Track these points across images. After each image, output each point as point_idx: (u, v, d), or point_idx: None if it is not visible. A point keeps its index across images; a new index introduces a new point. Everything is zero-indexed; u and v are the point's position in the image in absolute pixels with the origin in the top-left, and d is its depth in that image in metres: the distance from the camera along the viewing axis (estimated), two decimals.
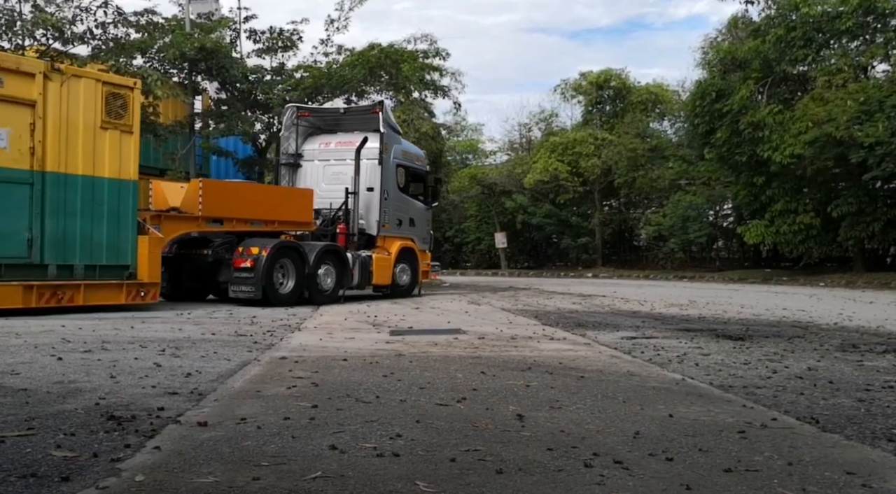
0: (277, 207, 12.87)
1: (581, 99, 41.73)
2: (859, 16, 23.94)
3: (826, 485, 2.74)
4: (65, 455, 2.93)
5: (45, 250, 9.42)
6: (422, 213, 16.45)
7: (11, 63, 9.32)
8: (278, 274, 12.01)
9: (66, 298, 9.59)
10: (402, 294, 15.42)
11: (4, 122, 9.04)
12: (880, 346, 7.17)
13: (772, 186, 26.46)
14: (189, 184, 12.14)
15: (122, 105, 10.14)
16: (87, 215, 9.81)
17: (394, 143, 15.31)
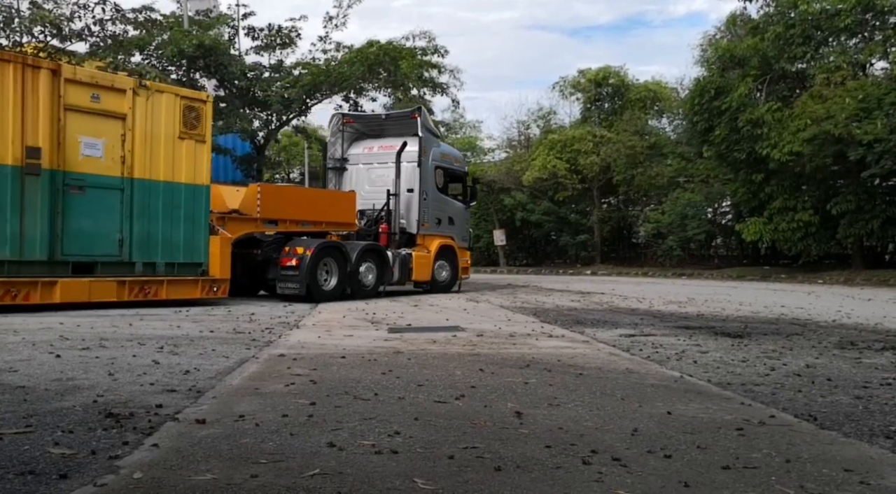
0: (324, 209, 13.79)
1: (580, 96, 41.70)
2: (858, 13, 23.94)
3: (824, 482, 2.74)
4: (63, 453, 2.92)
5: (133, 249, 10.38)
6: (461, 212, 17.18)
7: (107, 81, 10.31)
8: (322, 272, 12.82)
9: (152, 293, 10.59)
10: (442, 289, 16.04)
11: (100, 134, 10.01)
12: (878, 343, 7.17)
13: (770, 184, 26.47)
14: (247, 189, 13.03)
15: (196, 117, 11.10)
16: (167, 217, 10.75)
17: (432, 146, 16.04)
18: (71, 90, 9.73)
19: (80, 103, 9.83)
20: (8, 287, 9.13)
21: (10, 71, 9.19)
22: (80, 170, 9.84)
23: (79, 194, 9.81)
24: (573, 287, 19.80)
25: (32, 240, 9.38)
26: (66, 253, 9.74)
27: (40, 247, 9.46)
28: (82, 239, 9.89)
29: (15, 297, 9.18)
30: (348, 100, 26.66)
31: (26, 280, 9.30)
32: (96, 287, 9.91)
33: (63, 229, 9.66)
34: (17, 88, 9.24)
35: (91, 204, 9.96)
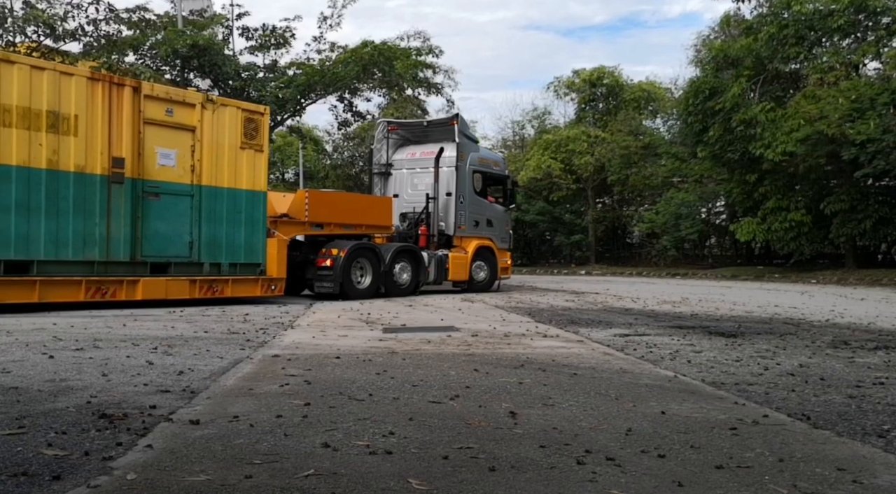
0: (363, 213, 14.61)
1: (574, 96, 41.80)
2: (851, 14, 24.03)
3: (817, 481, 2.75)
4: (56, 454, 2.91)
5: (202, 251, 11.24)
6: (500, 215, 17.70)
7: (179, 96, 11.23)
8: (356, 272, 13.61)
9: (219, 291, 11.42)
10: (480, 289, 16.65)
11: (173, 145, 10.88)
12: (871, 343, 7.20)
13: (764, 184, 26.57)
14: (296, 195, 13.99)
15: (255, 128, 11.97)
16: (230, 221, 11.61)
17: (470, 151, 16.74)
18: (149, 105, 10.61)
19: (156, 117, 10.71)
20: (98, 285, 10.03)
21: (99, 89, 10.09)
22: (157, 178, 10.70)
23: (155, 200, 10.69)
24: (567, 286, 19.83)
25: (117, 242, 10.26)
26: (145, 254, 10.61)
27: (123, 248, 10.34)
28: (158, 241, 10.75)
29: (104, 295, 10.11)
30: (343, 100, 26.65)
31: (113, 279, 10.20)
32: (172, 285, 10.80)
33: (142, 232, 10.54)
34: (104, 105, 10.12)
35: (165, 209, 10.82)
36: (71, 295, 9.79)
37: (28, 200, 9.38)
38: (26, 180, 9.35)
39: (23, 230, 9.34)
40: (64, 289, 9.74)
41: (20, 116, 9.30)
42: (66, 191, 9.73)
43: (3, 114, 9.17)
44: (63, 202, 9.70)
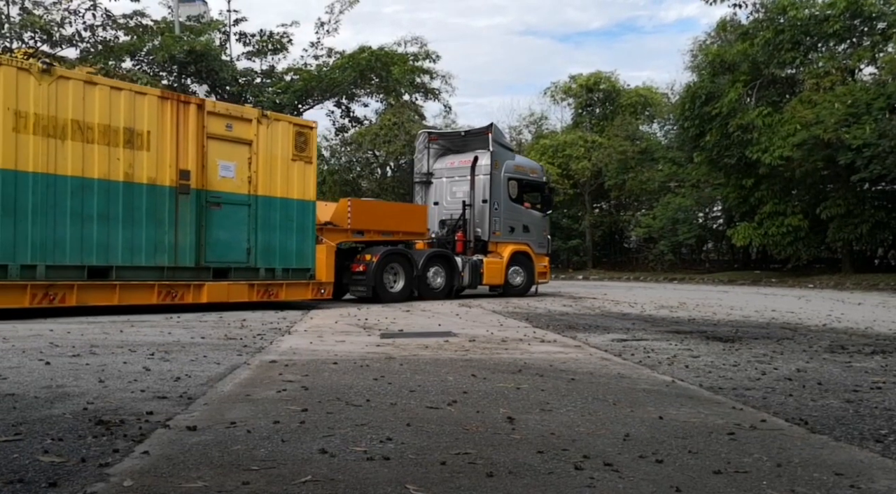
0: (400, 220, 15.30)
1: (571, 102, 41.90)
2: (846, 19, 24.13)
3: (815, 486, 2.75)
4: (52, 461, 2.91)
5: (258, 256, 11.90)
6: (537, 220, 18.13)
7: (237, 112, 11.92)
8: (389, 276, 14.31)
9: (274, 294, 12.08)
10: (517, 293, 17.20)
11: (232, 157, 11.58)
12: (868, 347, 7.21)
13: (761, 188, 26.63)
14: (338, 203, 14.70)
15: (305, 141, 12.63)
16: (283, 229, 12.26)
17: (505, 159, 17.26)
18: (211, 121, 11.31)
19: (217, 132, 11.39)
20: (169, 289, 10.76)
21: (168, 107, 10.80)
22: (218, 188, 11.38)
23: (216, 210, 11.37)
24: (565, 291, 19.83)
25: (184, 249, 10.95)
26: (208, 260, 11.28)
27: (189, 255, 11.02)
28: (219, 248, 11.42)
29: (174, 298, 10.83)
30: (340, 105, 26.71)
31: (181, 283, 10.92)
32: (233, 289, 11.51)
33: (205, 240, 11.21)
34: (173, 121, 10.84)
35: (225, 218, 11.50)
36: (145, 298, 10.50)
37: (108, 210, 10.11)
38: (106, 192, 10.09)
39: (103, 238, 10.07)
40: (139, 293, 10.45)
41: (101, 133, 10.03)
42: (139, 201, 10.44)
43: (86, 132, 9.90)
44: (137, 212, 10.42)
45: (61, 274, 9.67)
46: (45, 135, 9.52)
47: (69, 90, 9.75)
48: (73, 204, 9.76)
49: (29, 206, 9.39)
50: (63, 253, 9.69)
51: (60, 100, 9.66)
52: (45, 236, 9.52)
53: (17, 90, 9.30)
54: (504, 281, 16.88)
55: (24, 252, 9.37)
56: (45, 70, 9.60)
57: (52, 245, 9.58)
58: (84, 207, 9.85)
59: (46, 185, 9.53)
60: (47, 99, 9.54)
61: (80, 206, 9.81)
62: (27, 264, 9.38)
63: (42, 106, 9.50)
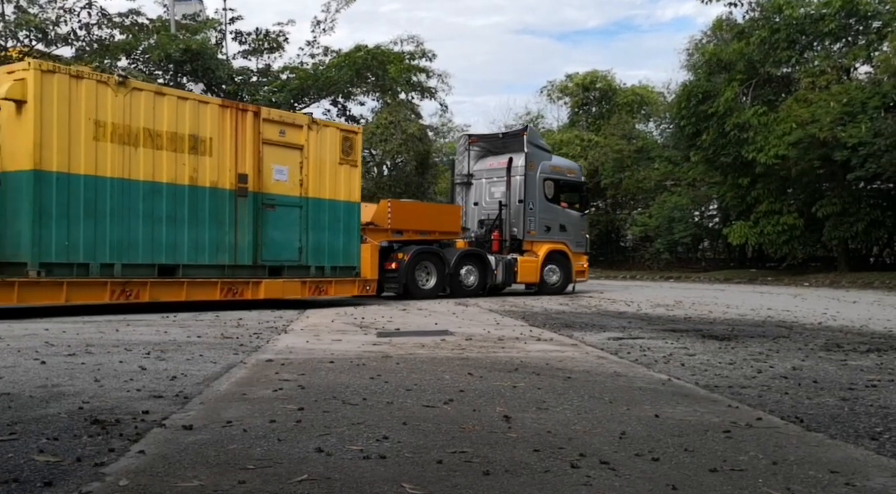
0: (436, 220, 16.02)
1: (567, 100, 41.91)
2: (842, 18, 24.18)
3: (810, 484, 2.76)
4: (48, 460, 2.90)
5: (308, 255, 12.48)
6: (574, 220, 18.48)
7: (290, 119, 12.59)
8: (421, 274, 15.01)
9: (324, 291, 12.78)
10: (553, 291, 17.52)
11: (285, 162, 12.18)
12: (864, 346, 7.23)
13: (757, 187, 26.66)
14: (379, 205, 15.41)
15: (351, 146, 13.21)
16: (331, 229, 12.85)
17: (541, 160, 17.69)
18: (266, 127, 11.90)
19: (272, 138, 11.97)
20: (230, 286, 11.32)
21: (228, 115, 11.42)
22: (272, 191, 11.97)
23: (271, 211, 11.96)
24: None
25: (242, 248, 11.56)
26: (264, 258, 11.88)
27: (247, 254, 11.64)
28: (274, 247, 12.00)
29: (235, 295, 11.40)
30: (336, 104, 26.67)
31: (241, 280, 11.51)
32: (287, 286, 12.08)
33: (261, 240, 11.80)
34: (232, 128, 11.45)
35: (279, 219, 12.09)
36: (209, 294, 11.07)
37: (175, 212, 10.74)
38: (173, 195, 10.73)
39: (171, 238, 10.72)
40: (204, 289, 11.04)
41: (169, 140, 10.67)
42: (203, 203, 11.07)
43: (156, 139, 10.53)
44: (201, 213, 11.04)
45: (135, 271, 10.34)
46: (120, 143, 10.15)
47: (141, 100, 10.38)
48: (145, 206, 10.41)
49: (107, 209, 10.04)
50: (136, 253, 10.35)
51: (134, 110, 10.28)
52: (121, 236, 10.18)
53: (97, 101, 9.90)
54: (539, 279, 17.29)
55: (104, 251, 10.01)
56: (120, 82, 10.25)
57: (126, 245, 10.24)
58: (154, 209, 10.50)
59: (122, 190, 10.17)
60: (122, 109, 10.16)
61: (150, 209, 10.47)
62: (106, 263, 10.03)
63: (118, 115, 10.12)
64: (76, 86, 9.75)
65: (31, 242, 9.42)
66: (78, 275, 9.74)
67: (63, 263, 9.66)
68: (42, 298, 9.56)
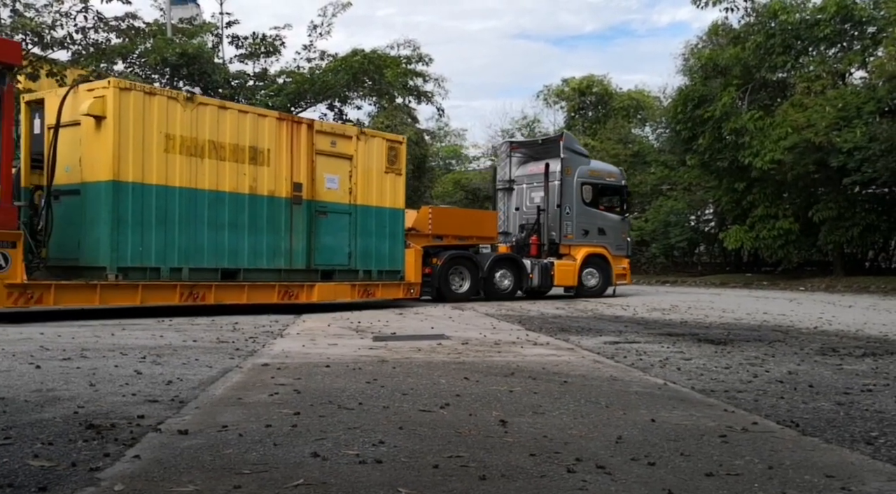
0: (474, 226, 16.56)
1: (563, 105, 41.91)
2: (837, 23, 24.24)
3: (806, 488, 2.76)
4: (42, 465, 2.89)
5: (357, 260, 13.16)
6: (615, 223, 18.69)
7: (340, 130, 13.50)
8: (455, 278, 15.54)
9: (372, 294, 13.39)
10: (591, 294, 17.82)
11: (336, 171, 12.83)
12: (859, 350, 7.24)
13: (752, 192, 26.69)
14: (420, 211, 15.88)
15: (395, 155, 13.84)
16: (377, 234, 13.50)
17: (578, 165, 18.05)
18: (319, 139, 12.56)
19: (324, 148, 12.62)
20: (286, 289, 11.98)
21: (284, 127, 12.07)
22: (324, 199, 12.62)
23: (323, 218, 12.60)
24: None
25: (297, 253, 12.20)
26: (317, 263, 12.53)
27: (302, 258, 12.28)
28: (326, 252, 12.66)
29: (291, 297, 12.01)
30: (333, 108, 26.66)
31: (296, 284, 12.15)
32: (338, 289, 12.79)
33: (314, 245, 12.44)
34: (288, 139, 12.09)
35: (331, 225, 12.73)
36: (267, 297, 11.74)
37: (236, 220, 11.38)
38: (235, 203, 11.37)
39: (233, 244, 11.37)
40: (263, 292, 11.70)
41: (231, 151, 11.33)
42: (261, 211, 11.71)
43: (219, 150, 11.17)
44: (259, 220, 11.69)
45: (201, 275, 11.01)
46: (187, 155, 10.79)
47: (206, 114, 11.02)
48: (210, 214, 11.05)
49: (176, 217, 10.68)
50: (201, 257, 10.99)
51: (200, 124, 10.91)
52: (188, 242, 10.84)
53: (167, 116, 10.53)
54: (577, 282, 17.55)
55: (173, 256, 10.68)
56: (188, 98, 10.99)
57: (193, 250, 10.89)
58: (218, 217, 11.14)
59: (189, 198, 10.82)
60: (190, 123, 10.81)
61: (214, 216, 11.11)
62: (175, 267, 10.70)
63: (186, 129, 10.76)
64: (149, 102, 10.38)
65: (109, 248, 10.04)
66: (150, 279, 10.43)
67: (137, 267, 10.33)
68: (120, 300, 10.22)
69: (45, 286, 9.54)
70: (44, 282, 9.60)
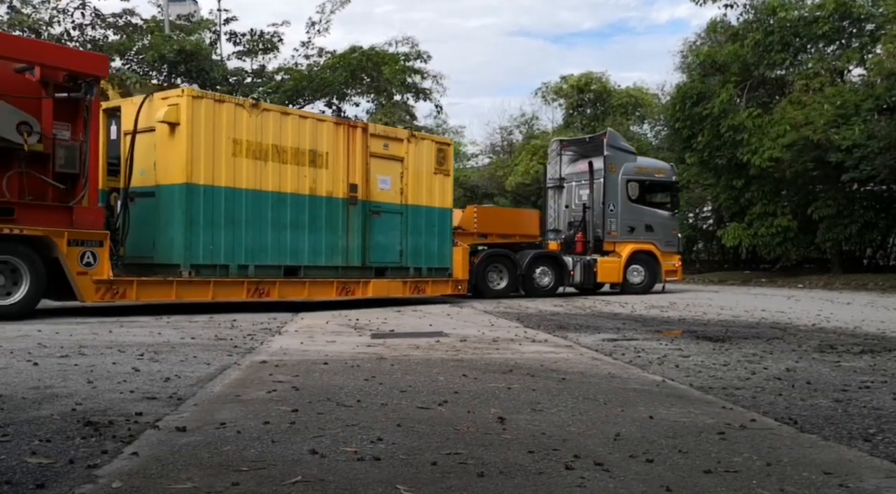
0: (517, 225, 17.08)
1: (562, 102, 41.88)
2: (835, 20, 24.25)
3: (804, 485, 2.76)
4: (40, 462, 2.89)
5: (408, 257, 13.71)
6: (663, 220, 18.85)
7: (392, 133, 13.92)
8: (493, 275, 15.94)
9: (422, 290, 13.94)
10: (637, 291, 17.92)
11: (388, 172, 13.37)
12: (857, 347, 7.25)
13: (751, 189, 26.73)
14: (465, 210, 16.46)
15: (444, 157, 14.42)
16: (427, 233, 14.06)
17: (623, 162, 18.24)
18: (373, 142, 13.09)
19: (377, 151, 13.16)
20: (344, 285, 12.53)
21: (341, 131, 12.62)
22: (378, 199, 13.16)
23: (377, 218, 13.11)
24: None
25: (353, 251, 12.77)
26: (371, 260, 13.10)
27: (357, 256, 12.86)
28: (379, 250, 13.21)
29: (348, 293, 12.60)
30: (331, 105, 26.62)
31: (353, 280, 12.73)
32: (391, 285, 13.34)
33: (369, 243, 13.00)
34: (344, 143, 12.62)
35: (383, 224, 13.26)
36: (327, 293, 12.31)
37: (297, 219, 11.94)
38: (296, 204, 11.93)
39: (294, 242, 11.92)
40: (323, 288, 12.29)
41: (292, 155, 11.88)
42: (320, 211, 12.25)
43: (282, 154, 11.73)
44: (318, 220, 12.23)
45: (265, 272, 11.60)
46: (253, 158, 11.36)
47: (270, 120, 11.56)
48: (273, 214, 11.60)
49: (243, 217, 11.26)
50: (266, 255, 11.58)
51: (264, 129, 11.47)
52: (254, 241, 11.41)
53: (235, 122, 11.10)
54: (622, 279, 17.71)
55: (240, 254, 11.28)
56: (254, 105, 11.55)
57: (258, 248, 11.47)
58: (280, 217, 11.70)
59: (254, 199, 11.38)
60: (255, 128, 11.36)
61: (277, 216, 11.66)
62: (242, 264, 11.31)
63: (251, 134, 11.32)
64: (218, 109, 10.93)
65: (182, 246, 10.62)
66: (220, 275, 11.03)
67: (208, 265, 10.93)
68: (193, 295, 10.75)
69: (128, 282, 10.11)
70: (127, 279, 10.16)
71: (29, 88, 9.43)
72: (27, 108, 9.26)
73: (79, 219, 9.59)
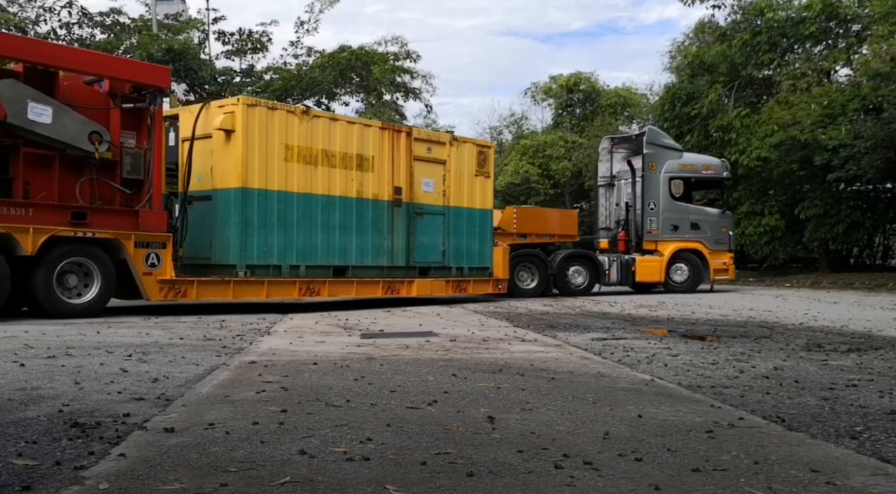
0: (556, 224, 17.26)
1: (551, 102, 41.94)
2: (822, 21, 24.41)
3: (791, 483, 2.77)
4: (26, 464, 2.86)
5: (450, 257, 14.19)
6: (711, 217, 18.66)
7: (435, 137, 14.49)
8: (524, 274, 16.16)
9: (464, 289, 14.45)
10: (680, 290, 17.77)
11: (431, 175, 13.84)
12: (844, 345, 7.30)
13: (738, 189, 26.85)
14: (505, 211, 16.73)
15: (484, 159, 14.87)
16: (468, 233, 14.48)
17: (666, 160, 18.15)
18: (416, 145, 13.58)
19: (421, 154, 13.62)
20: (390, 284, 13.02)
21: (386, 136, 13.06)
22: (421, 201, 13.62)
23: (420, 219, 13.58)
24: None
25: (398, 251, 13.25)
26: (415, 260, 13.57)
27: (402, 256, 13.33)
28: (423, 250, 13.67)
29: (393, 292, 13.06)
30: (320, 105, 26.57)
31: (397, 280, 13.17)
32: (434, 284, 13.82)
33: (413, 244, 13.46)
34: (389, 147, 13.09)
35: (427, 225, 13.74)
36: (373, 292, 12.85)
37: (345, 221, 12.40)
38: (344, 206, 12.40)
39: (342, 243, 12.41)
40: (370, 288, 12.82)
41: (340, 159, 12.35)
42: (366, 213, 12.71)
43: (331, 158, 12.20)
44: (365, 222, 12.69)
45: (315, 272, 12.09)
46: (304, 163, 11.81)
47: (319, 126, 12.04)
48: (323, 216, 12.10)
49: (294, 219, 11.73)
50: (316, 256, 12.06)
51: (313, 134, 11.93)
52: (305, 242, 11.90)
53: (286, 128, 11.57)
54: (664, 278, 17.60)
55: (291, 254, 11.76)
56: (304, 111, 12.04)
57: (308, 249, 11.95)
58: (329, 219, 12.18)
59: (305, 202, 11.86)
60: (305, 134, 11.82)
61: (326, 218, 12.14)
62: (293, 264, 11.79)
63: (302, 139, 11.78)
64: (271, 116, 11.38)
65: (238, 248, 11.15)
66: (273, 275, 11.53)
67: (262, 265, 11.43)
68: (249, 295, 11.33)
69: (189, 282, 10.60)
70: (188, 279, 10.63)
71: (98, 99, 10.06)
72: (97, 119, 9.85)
73: (144, 222, 10.13)
